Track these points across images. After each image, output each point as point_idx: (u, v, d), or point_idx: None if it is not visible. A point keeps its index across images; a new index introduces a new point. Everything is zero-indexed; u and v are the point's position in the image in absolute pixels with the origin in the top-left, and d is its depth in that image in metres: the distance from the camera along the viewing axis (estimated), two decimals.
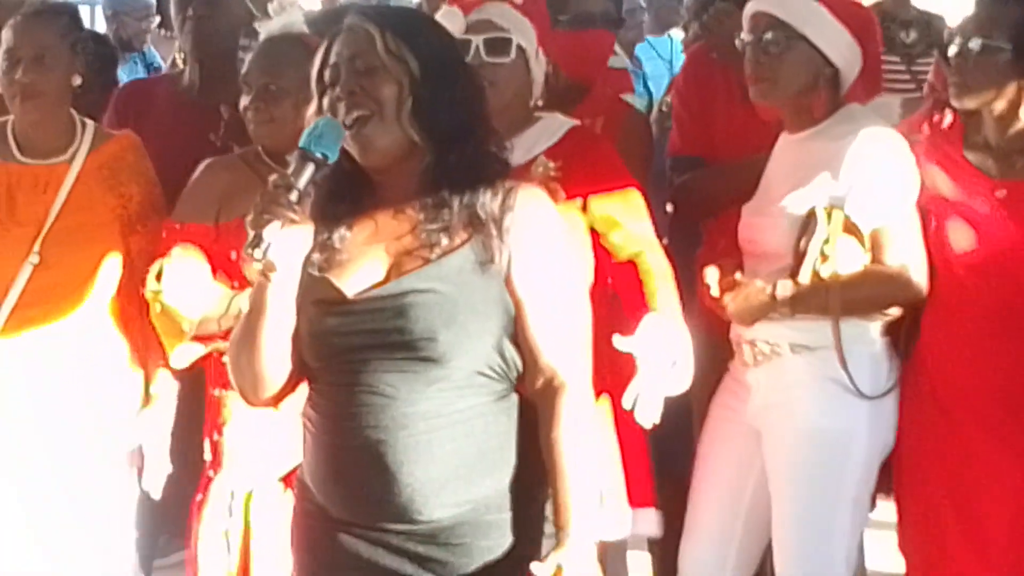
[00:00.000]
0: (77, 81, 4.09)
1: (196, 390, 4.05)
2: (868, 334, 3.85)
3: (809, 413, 3.82)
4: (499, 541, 2.80)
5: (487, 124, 2.90)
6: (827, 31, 3.88)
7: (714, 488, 4.00)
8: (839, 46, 3.88)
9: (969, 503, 3.72)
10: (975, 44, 3.68)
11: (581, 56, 4.37)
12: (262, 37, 4.08)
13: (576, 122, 3.97)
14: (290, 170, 2.76)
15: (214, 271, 3.90)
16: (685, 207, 4.47)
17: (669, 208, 4.47)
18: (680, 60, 6.44)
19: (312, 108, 2.88)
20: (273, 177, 2.76)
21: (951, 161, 3.75)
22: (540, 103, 3.97)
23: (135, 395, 4.12)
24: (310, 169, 2.76)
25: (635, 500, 3.93)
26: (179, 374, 4.03)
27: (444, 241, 2.79)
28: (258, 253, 2.71)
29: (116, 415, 4.10)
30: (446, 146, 2.81)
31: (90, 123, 4.15)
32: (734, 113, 4.26)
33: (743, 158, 4.10)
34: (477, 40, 3.85)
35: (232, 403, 3.89)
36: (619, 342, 3.65)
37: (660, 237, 4.02)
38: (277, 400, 2.91)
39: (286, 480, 3.80)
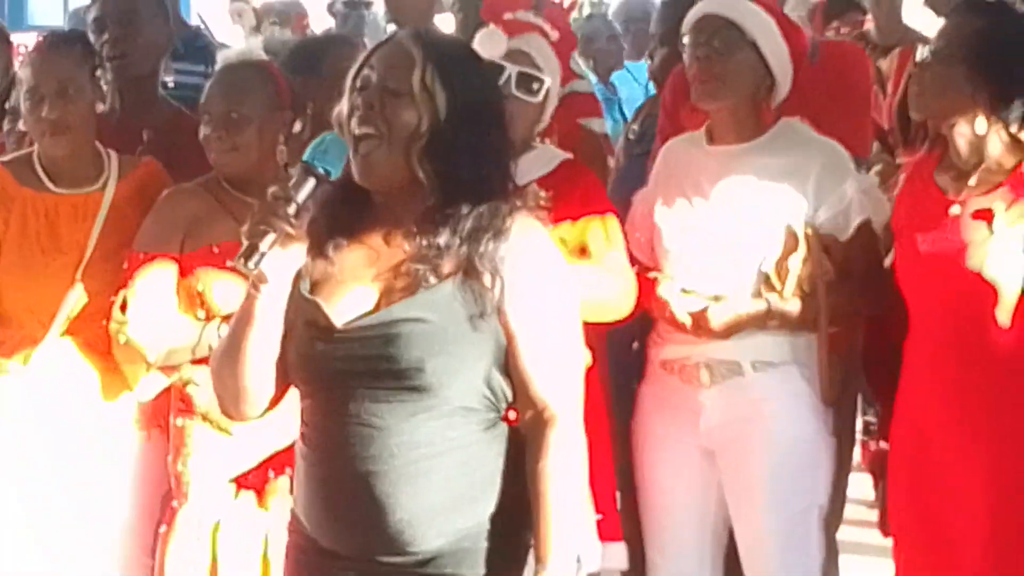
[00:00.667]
0: (100, 108, 4.12)
1: None
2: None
3: (781, 426, 3.86)
4: (490, 570, 2.78)
5: (505, 180, 2.85)
6: (772, 42, 3.90)
7: (679, 512, 4.00)
8: (782, 60, 3.90)
9: (939, 527, 3.70)
10: (929, 53, 3.69)
11: None
12: (220, 65, 4.07)
13: (568, 155, 3.95)
14: (291, 183, 2.75)
15: (179, 301, 3.88)
16: None
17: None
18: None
19: (339, 108, 2.84)
20: (273, 189, 2.75)
21: (922, 184, 3.76)
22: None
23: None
24: (311, 184, 2.75)
25: (603, 534, 3.90)
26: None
27: (436, 270, 2.76)
28: (251, 264, 2.69)
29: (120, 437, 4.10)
30: (456, 193, 2.77)
31: (112, 152, 4.16)
32: None
33: None
34: (512, 70, 3.82)
35: (195, 433, 3.88)
36: None
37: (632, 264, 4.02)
38: (258, 415, 2.89)
39: (237, 481, 3.83)
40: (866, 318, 3.94)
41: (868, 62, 5.17)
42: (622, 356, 4.08)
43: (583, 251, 3.83)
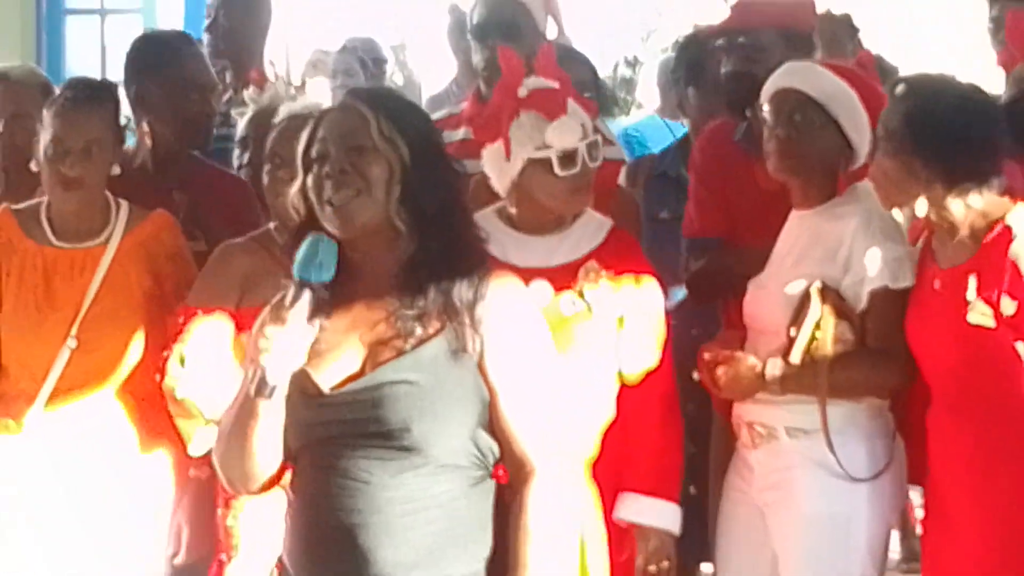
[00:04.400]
0: (116, 171, 4.11)
1: None
2: (859, 415, 3.85)
3: (807, 498, 3.82)
4: None
5: (467, 213, 2.95)
6: (855, 116, 3.89)
7: (737, 571, 4.01)
8: (862, 130, 3.88)
9: None
10: (878, 146, 3.68)
11: None
12: (284, 114, 4.06)
13: (611, 222, 3.98)
14: (287, 301, 2.79)
15: (235, 356, 3.88)
16: (702, 291, 4.45)
17: (682, 291, 4.48)
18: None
19: (295, 186, 2.90)
20: (267, 313, 2.79)
21: (925, 247, 3.78)
22: None
23: (166, 473, 4.12)
24: (307, 295, 2.80)
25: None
26: None
27: (419, 330, 2.80)
28: (266, 394, 2.76)
29: (149, 492, 4.11)
30: (429, 234, 2.84)
31: (124, 203, 4.17)
32: (754, 194, 4.24)
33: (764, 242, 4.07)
34: (581, 145, 3.83)
35: None
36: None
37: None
38: (266, 488, 2.94)
39: None
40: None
41: None
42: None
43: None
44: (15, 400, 4.06)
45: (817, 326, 3.79)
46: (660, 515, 3.89)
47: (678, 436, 3.96)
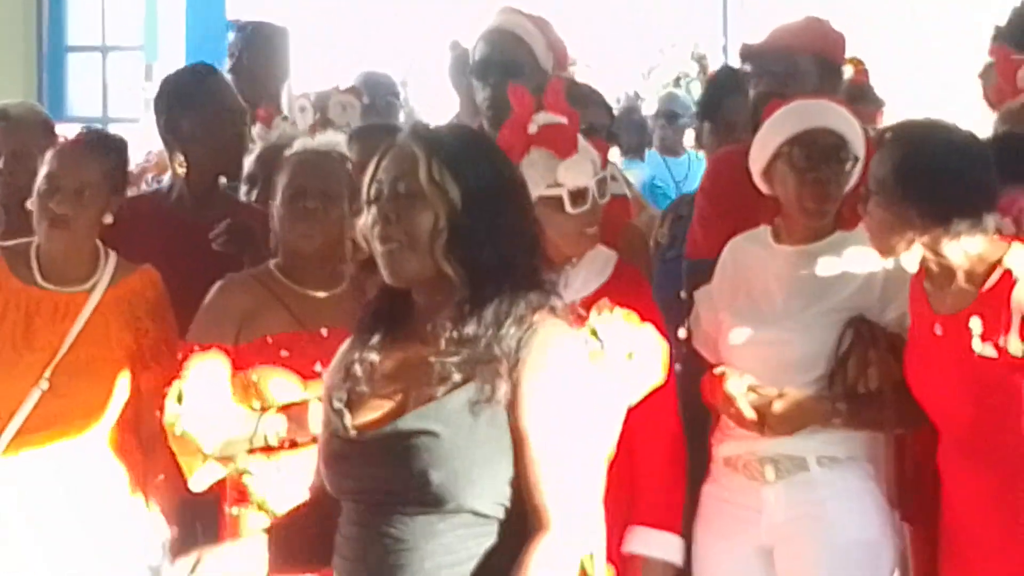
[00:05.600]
0: (108, 220, 4.10)
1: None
2: (880, 443, 3.91)
3: (846, 526, 3.83)
4: None
5: (534, 258, 2.82)
6: (862, 151, 3.93)
7: None
8: (862, 160, 3.92)
9: None
10: (868, 196, 3.67)
11: None
12: (300, 148, 4.10)
13: (616, 255, 3.98)
14: None
15: (234, 391, 3.88)
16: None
17: (682, 334, 4.45)
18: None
19: (362, 220, 2.84)
20: None
21: (917, 289, 3.78)
22: None
23: (137, 522, 4.12)
24: None
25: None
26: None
27: (456, 375, 2.73)
28: None
29: (119, 541, 4.09)
30: (482, 281, 2.75)
31: (112, 254, 4.16)
32: (763, 221, 4.21)
33: None
34: (592, 183, 3.83)
35: (251, 523, 3.87)
36: None
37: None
38: None
39: None
40: None
41: None
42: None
43: None
44: None
45: (867, 358, 3.81)
46: (666, 547, 3.88)
47: (684, 471, 3.96)
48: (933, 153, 3.64)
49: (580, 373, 2.81)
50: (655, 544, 3.89)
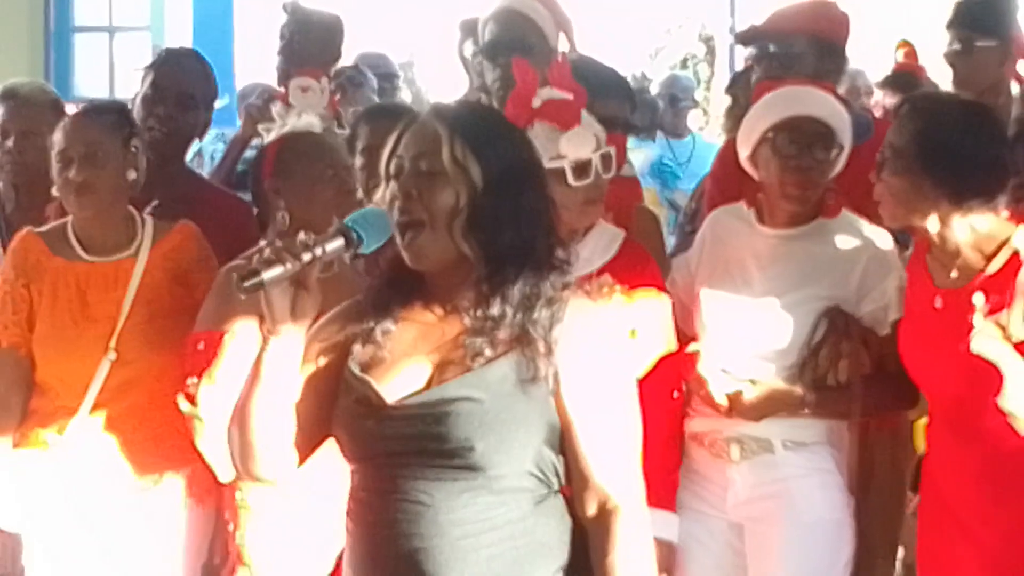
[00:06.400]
0: (132, 176, 4.10)
1: None
2: (843, 429, 3.90)
3: (809, 506, 3.85)
4: None
5: (552, 238, 2.81)
6: (848, 138, 3.92)
7: None
8: (848, 148, 3.92)
9: None
10: (881, 165, 3.64)
11: None
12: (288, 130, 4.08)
13: (623, 233, 3.97)
14: (323, 235, 2.74)
15: None
16: None
17: None
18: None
19: (379, 193, 2.83)
20: (301, 236, 2.73)
21: (918, 265, 3.77)
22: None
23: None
24: (339, 242, 2.75)
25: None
26: None
27: (488, 351, 2.73)
28: (245, 284, 2.67)
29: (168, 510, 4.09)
30: (502, 261, 2.75)
31: (148, 218, 4.17)
32: None
33: None
34: (595, 156, 3.81)
35: (254, 507, 3.85)
36: None
37: None
38: (268, 478, 2.87)
39: None
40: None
41: None
42: None
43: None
44: (53, 416, 4.03)
45: (839, 350, 3.82)
46: (665, 526, 3.88)
47: (679, 450, 3.98)
48: (953, 127, 3.62)
49: (617, 349, 2.85)
50: (656, 523, 3.88)
